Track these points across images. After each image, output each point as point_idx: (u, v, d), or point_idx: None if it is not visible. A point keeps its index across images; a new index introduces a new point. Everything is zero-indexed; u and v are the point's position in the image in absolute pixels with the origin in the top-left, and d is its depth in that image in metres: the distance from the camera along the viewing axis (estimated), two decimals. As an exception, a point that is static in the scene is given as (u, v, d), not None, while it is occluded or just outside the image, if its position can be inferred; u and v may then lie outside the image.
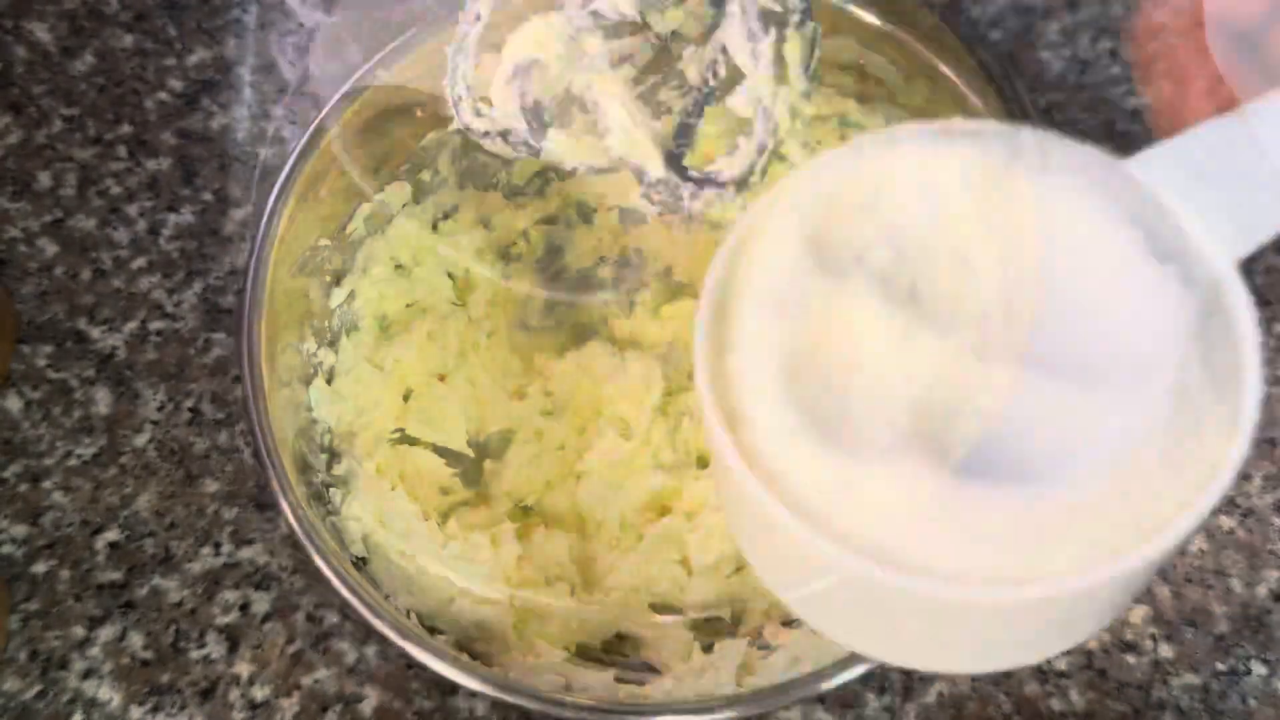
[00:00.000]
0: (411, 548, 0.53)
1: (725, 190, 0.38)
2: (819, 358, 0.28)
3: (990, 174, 0.29)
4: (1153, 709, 0.54)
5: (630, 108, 0.38)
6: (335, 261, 0.55)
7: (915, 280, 0.28)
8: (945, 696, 0.55)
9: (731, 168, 0.38)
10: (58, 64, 0.68)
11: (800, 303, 0.28)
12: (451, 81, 0.38)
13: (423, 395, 0.59)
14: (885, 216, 0.29)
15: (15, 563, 0.58)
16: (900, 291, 0.28)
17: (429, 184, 0.58)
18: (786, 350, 0.28)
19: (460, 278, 0.61)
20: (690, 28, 0.40)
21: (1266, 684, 0.55)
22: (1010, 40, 0.68)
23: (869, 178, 0.30)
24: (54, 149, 0.66)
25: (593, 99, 0.38)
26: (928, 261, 0.28)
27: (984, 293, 0.28)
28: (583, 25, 0.37)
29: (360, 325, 0.57)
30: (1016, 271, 0.28)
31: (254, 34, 0.69)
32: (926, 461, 0.26)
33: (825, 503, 0.26)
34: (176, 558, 0.58)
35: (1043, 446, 0.26)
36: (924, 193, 0.29)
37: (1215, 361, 0.27)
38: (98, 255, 0.64)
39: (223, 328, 0.62)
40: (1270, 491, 0.58)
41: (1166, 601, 0.56)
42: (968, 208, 0.29)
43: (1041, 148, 0.29)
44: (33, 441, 0.60)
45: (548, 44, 0.37)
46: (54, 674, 0.55)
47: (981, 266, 0.28)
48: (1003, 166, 0.29)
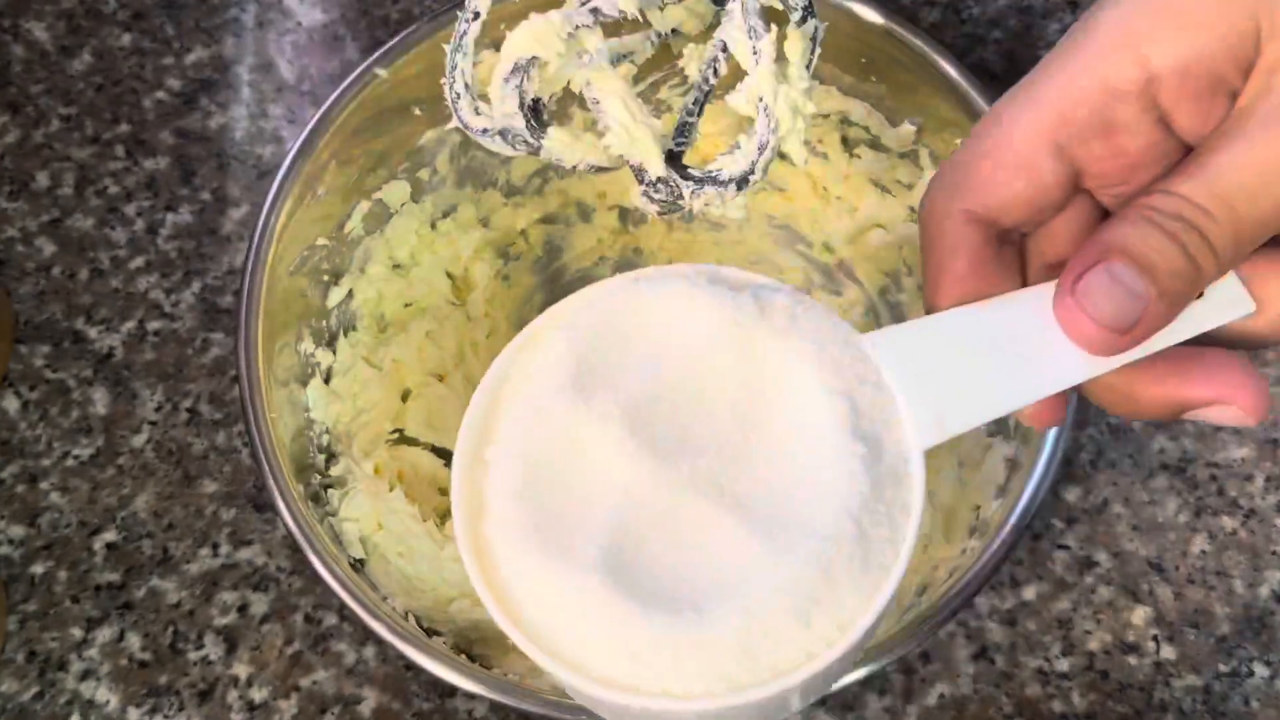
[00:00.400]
0: (410, 549, 0.53)
1: (726, 189, 0.38)
2: (555, 467, 0.31)
3: (738, 329, 0.32)
4: (1154, 710, 0.54)
5: (630, 105, 0.37)
6: (333, 261, 0.55)
7: (654, 411, 0.32)
8: (946, 698, 0.54)
9: (732, 166, 0.38)
10: (55, 63, 0.68)
11: (550, 415, 0.32)
12: (450, 79, 0.38)
13: (421, 395, 0.58)
14: (643, 349, 0.32)
15: (13, 564, 0.57)
16: (638, 419, 0.31)
17: (428, 183, 0.58)
18: (530, 456, 0.31)
19: (459, 277, 0.61)
20: (690, 25, 0.40)
21: (1269, 685, 0.55)
22: (1010, 40, 0.67)
23: (638, 311, 0.33)
24: (52, 148, 0.66)
25: (592, 97, 0.38)
26: (670, 397, 0.32)
27: (708, 434, 0.31)
28: (582, 22, 0.37)
29: (358, 325, 0.57)
30: (739, 421, 0.32)
31: (252, 33, 0.69)
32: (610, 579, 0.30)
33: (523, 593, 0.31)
34: (175, 559, 0.57)
35: (713, 580, 0.30)
36: (681, 335, 0.32)
37: (873, 536, 0.30)
38: (95, 255, 0.64)
39: (221, 327, 0.62)
40: (1273, 492, 0.58)
41: (1168, 603, 0.56)
42: (714, 356, 0.32)
43: (791, 311, 0.32)
44: (30, 442, 0.60)
45: (547, 41, 0.37)
46: (52, 675, 0.55)
47: (713, 410, 0.32)
48: (750, 324, 0.32)
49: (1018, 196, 0.33)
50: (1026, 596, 0.56)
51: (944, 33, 0.67)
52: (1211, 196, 0.30)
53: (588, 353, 0.33)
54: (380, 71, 0.53)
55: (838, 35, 0.52)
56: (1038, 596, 0.56)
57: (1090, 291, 0.31)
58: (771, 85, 0.36)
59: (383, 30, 0.69)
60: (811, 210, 0.61)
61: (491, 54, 0.38)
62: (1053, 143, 0.32)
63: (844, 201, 0.60)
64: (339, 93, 0.53)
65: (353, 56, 0.68)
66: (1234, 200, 0.30)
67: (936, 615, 0.46)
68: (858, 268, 0.61)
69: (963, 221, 0.33)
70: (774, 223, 0.63)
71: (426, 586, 0.52)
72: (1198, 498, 0.58)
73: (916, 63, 0.53)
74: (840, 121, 0.58)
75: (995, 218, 0.33)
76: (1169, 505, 0.58)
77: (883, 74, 0.55)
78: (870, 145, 0.58)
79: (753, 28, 0.36)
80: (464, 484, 0.32)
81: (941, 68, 0.53)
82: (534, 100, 0.37)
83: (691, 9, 0.39)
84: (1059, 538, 0.57)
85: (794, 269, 0.63)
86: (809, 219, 0.62)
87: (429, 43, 0.53)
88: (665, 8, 0.39)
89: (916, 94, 0.54)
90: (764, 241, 0.63)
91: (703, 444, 0.31)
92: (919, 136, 0.56)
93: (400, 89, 0.54)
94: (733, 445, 0.32)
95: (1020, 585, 0.56)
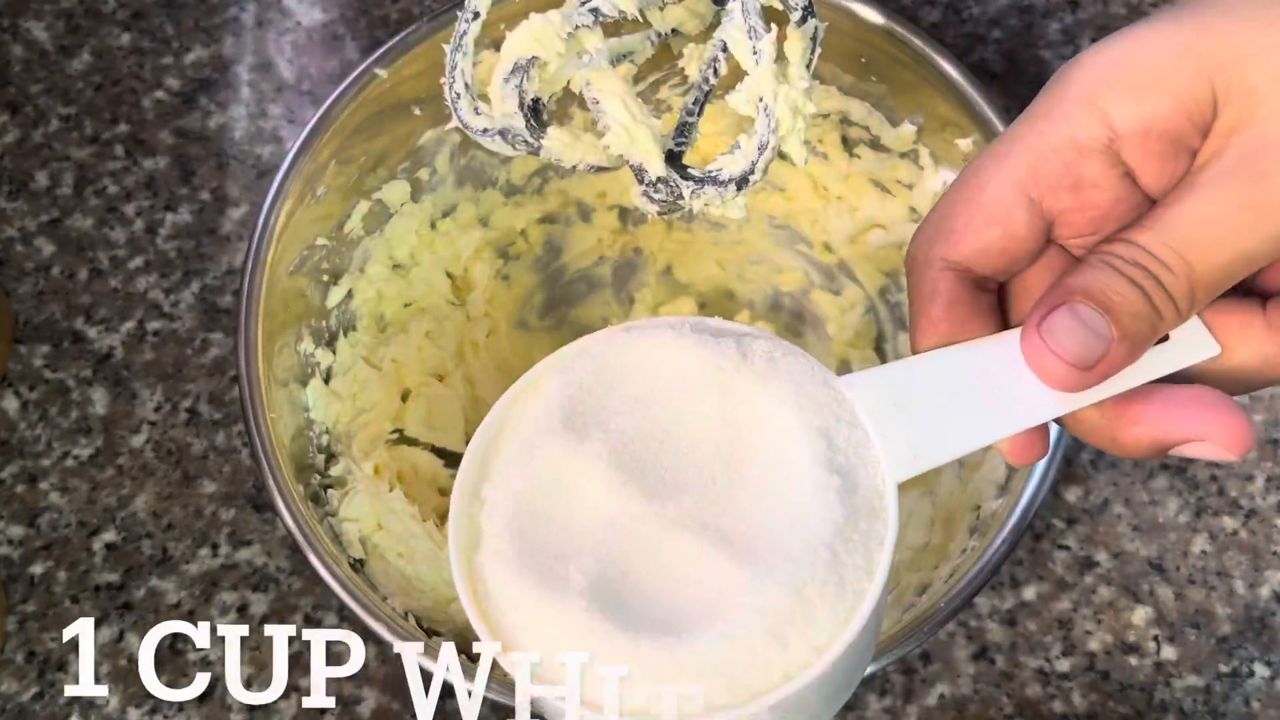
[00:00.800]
0: (409, 549, 0.53)
1: (726, 189, 0.38)
2: (546, 501, 0.33)
3: (721, 374, 0.34)
4: (1155, 711, 0.54)
5: (630, 105, 0.37)
6: (333, 261, 0.55)
7: (642, 451, 0.34)
8: (946, 699, 0.54)
9: (732, 166, 0.38)
10: (55, 63, 0.68)
11: (542, 453, 0.34)
12: (450, 79, 0.37)
13: (421, 395, 0.58)
14: (632, 393, 0.34)
15: (12, 564, 0.57)
16: (627, 458, 0.33)
17: (427, 182, 0.58)
18: (522, 491, 0.33)
19: (459, 277, 0.61)
20: (690, 25, 0.40)
21: (1269, 686, 0.55)
22: (1010, 40, 0.67)
23: (628, 358, 0.35)
24: (51, 148, 0.66)
25: (592, 97, 0.38)
26: (657, 437, 0.34)
27: (692, 472, 0.33)
28: (582, 22, 0.37)
29: (358, 325, 0.57)
30: (722, 460, 0.34)
31: (251, 32, 0.69)
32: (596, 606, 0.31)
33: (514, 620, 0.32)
34: (174, 559, 0.57)
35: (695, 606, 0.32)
36: (668, 380, 0.34)
37: (847, 563, 0.32)
38: (95, 255, 0.64)
39: (220, 327, 0.62)
40: (1273, 493, 0.58)
41: (1169, 603, 0.56)
42: (699, 399, 0.34)
43: (770, 356, 0.34)
44: (30, 442, 0.60)
45: (547, 41, 0.37)
46: (51, 675, 0.55)
47: (697, 449, 0.34)
48: (732, 368, 0.34)
49: (991, 246, 0.34)
50: (1027, 596, 0.56)
51: (944, 33, 0.67)
52: (1165, 248, 0.32)
53: (579, 396, 0.34)
54: (380, 71, 0.53)
55: (838, 35, 0.52)
56: (1038, 596, 0.56)
57: (1055, 330, 0.32)
58: (771, 85, 0.36)
59: (383, 30, 0.69)
60: (811, 210, 0.61)
61: (491, 54, 0.38)
62: (1024, 195, 0.34)
63: (844, 201, 0.60)
64: (339, 92, 0.53)
65: (352, 56, 0.68)
66: (1186, 252, 0.32)
67: (936, 615, 0.46)
68: (857, 268, 0.61)
69: (940, 269, 0.35)
70: (774, 223, 0.63)
71: (426, 586, 0.52)
72: (1198, 498, 0.58)
73: (916, 63, 0.53)
74: (840, 121, 0.58)
75: (970, 265, 0.35)
76: (1169, 505, 0.58)
77: (883, 74, 0.55)
78: (870, 145, 0.58)
79: (753, 28, 0.36)
80: (461, 518, 0.34)
81: (941, 68, 0.53)
82: (534, 100, 0.37)
83: (691, 9, 0.39)
84: (1059, 538, 0.57)
85: (794, 269, 0.63)
86: (809, 219, 0.62)
87: (429, 43, 0.53)
88: (665, 8, 0.39)
89: (916, 94, 0.54)
90: (764, 241, 0.63)
91: (687, 482, 0.33)
92: (919, 136, 0.56)
93: (400, 89, 0.54)
94: (715, 482, 0.33)
95: (1020, 585, 0.56)
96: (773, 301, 0.63)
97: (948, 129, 0.54)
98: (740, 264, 0.64)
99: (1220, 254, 0.32)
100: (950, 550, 0.51)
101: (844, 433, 0.34)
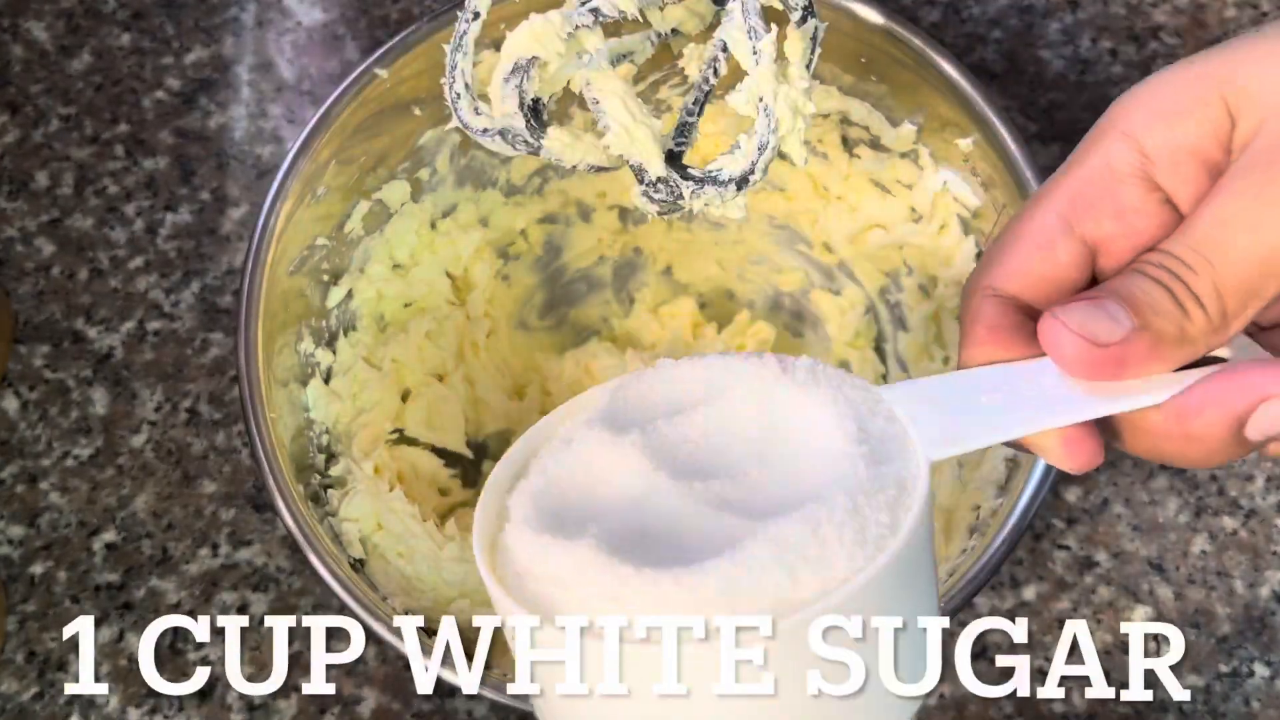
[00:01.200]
0: (409, 549, 0.53)
1: (726, 189, 0.38)
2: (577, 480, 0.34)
3: (762, 384, 0.35)
4: (1155, 711, 0.54)
5: (630, 105, 0.37)
6: (333, 261, 0.55)
7: (678, 448, 0.34)
8: (946, 698, 0.54)
9: (732, 166, 0.38)
10: (55, 63, 0.68)
11: (579, 444, 0.35)
12: (450, 79, 0.38)
13: (421, 395, 0.58)
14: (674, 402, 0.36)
15: (12, 564, 0.57)
16: (662, 451, 0.34)
17: (427, 182, 0.58)
18: (554, 471, 0.34)
19: (459, 277, 0.61)
20: (690, 25, 0.40)
21: (1269, 686, 0.55)
22: (1010, 40, 0.67)
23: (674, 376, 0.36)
24: (51, 148, 0.66)
25: (592, 97, 0.38)
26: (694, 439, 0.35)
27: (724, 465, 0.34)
28: (582, 22, 0.37)
29: (358, 325, 0.57)
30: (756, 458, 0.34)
31: (252, 32, 0.69)
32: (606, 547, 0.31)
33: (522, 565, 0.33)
34: (174, 559, 0.57)
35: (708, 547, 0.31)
36: (711, 392, 0.35)
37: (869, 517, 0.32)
38: (95, 255, 0.64)
39: (220, 327, 0.62)
40: (1273, 492, 0.58)
41: (1169, 603, 0.56)
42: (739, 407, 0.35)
43: (811, 370, 0.35)
44: (30, 442, 0.60)
45: (547, 41, 0.37)
46: (51, 675, 0.55)
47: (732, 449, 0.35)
48: (773, 379, 0.35)
49: (1033, 272, 0.36)
50: (1026, 596, 0.56)
51: (944, 33, 0.67)
52: (1186, 249, 0.33)
53: (622, 402, 0.36)
54: (380, 71, 0.53)
55: (838, 35, 0.52)
56: (1038, 596, 0.56)
57: (1073, 311, 0.33)
58: (771, 85, 0.37)
59: (383, 30, 0.69)
60: (811, 210, 0.61)
61: (491, 54, 0.38)
62: (1065, 222, 0.35)
63: (844, 201, 0.60)
64: (339, 92, 0.53)
65: (352, 56, 0.68)
66: (1206, 250, 0.33)
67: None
68: (857, 268, 0.61)
69: (985, 295, 0.36)
70: (774, 223, 0.63)
71: (426, 586, 0.52)
72: (1198, 498, 0.58)
73: (916, 63, 0.53)
74: (840, 121, 0.58)
75: (1016, 293, 0.36)
76: (1169, 505, 0.58)
77: (883, 74, 0.55)
78: (870, 145, 0.58)
79: (753, 28, 0.36)
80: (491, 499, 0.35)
81: (941, 68, 0.52)
82: (534, 100, 0.37)
83: (691, 9, 0.39)
84: (1059, 537, 0.57)
85: (794, 269, 0.63)
86: (809, 219, 0.62)
87: (429, 43, 0.53)
88: (665, 8, 0.39)
89: (916, 94, 0.54)
90: (764, 241, 0.63)
91: (717, 470, 0.34)
92: (919, 136, 0.56)
93: (400, 89, 0.54)
94: (747, 474, 0.34)
95: (1020, 585, 0.56)
96: (773, 301, 0.63)
97: (948, 129, 0.54)
98: (740, 264, 0.64)
99: (1239, 250, 0.33)
100: (950, 550, 0.51)
101: (879, 424, 0.34)
